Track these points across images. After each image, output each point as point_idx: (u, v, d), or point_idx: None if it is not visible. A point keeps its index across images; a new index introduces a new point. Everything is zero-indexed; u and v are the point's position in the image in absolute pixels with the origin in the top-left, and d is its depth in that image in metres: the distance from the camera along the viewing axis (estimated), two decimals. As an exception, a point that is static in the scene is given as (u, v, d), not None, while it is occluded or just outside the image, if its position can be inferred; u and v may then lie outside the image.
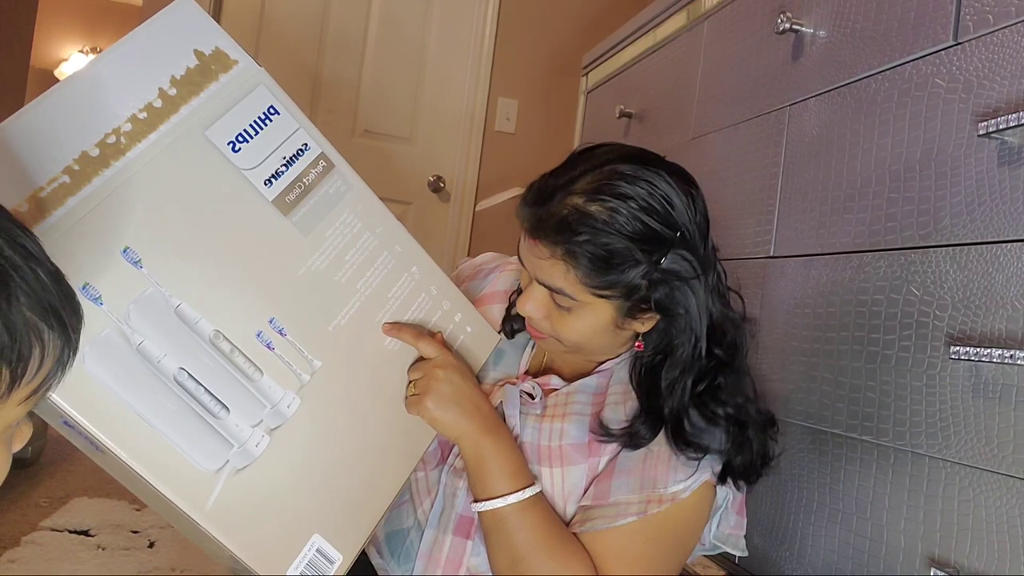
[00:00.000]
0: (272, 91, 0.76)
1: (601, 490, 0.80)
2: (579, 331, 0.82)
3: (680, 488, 0.77)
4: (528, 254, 0.82)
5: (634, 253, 0.76)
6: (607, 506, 0.79)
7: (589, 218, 0.76)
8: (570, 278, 0.78)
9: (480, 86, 2.80)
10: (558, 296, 0.80)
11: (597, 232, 0.76)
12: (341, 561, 0.73)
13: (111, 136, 0.65)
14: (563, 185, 0.79)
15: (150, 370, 0.64)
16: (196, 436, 0.66)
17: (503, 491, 0.77)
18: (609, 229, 0.76)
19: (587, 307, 0.80)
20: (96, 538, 1.68)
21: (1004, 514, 0.74)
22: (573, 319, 0.81)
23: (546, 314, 0.83)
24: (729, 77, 1.38)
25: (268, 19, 2.66)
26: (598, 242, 0.76)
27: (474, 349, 0.90)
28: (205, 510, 0.65)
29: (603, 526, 0.78)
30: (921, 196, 0.89)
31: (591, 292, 0.78)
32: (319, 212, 0.77)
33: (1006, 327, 0.76)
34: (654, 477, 0.78)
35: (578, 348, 0.86)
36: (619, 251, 0.76)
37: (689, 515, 0.80)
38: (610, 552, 0.77)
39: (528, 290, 0.83)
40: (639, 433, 0.80)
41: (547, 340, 0.86)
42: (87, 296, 0.62)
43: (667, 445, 0.80)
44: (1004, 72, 0.80)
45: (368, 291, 0.79)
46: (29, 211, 0.60)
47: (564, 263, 0.77)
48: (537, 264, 0.80)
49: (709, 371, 0.82)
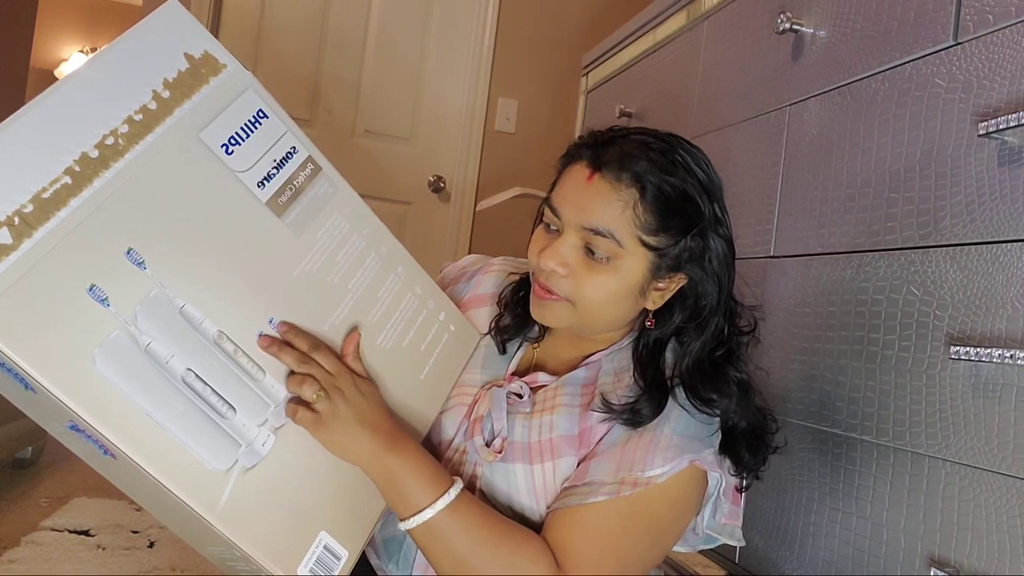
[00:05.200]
0: (260, 95, 0.77)
1: (581, 470, 0.80)
2: (603, 290, 0.80)
3: (657, 473, 0.76)
4: (577, 195, 0.80)
5: (700, 197, 0.80)
6: (583, 485, 0.78)
7: (664, 155, 0.80)
8: (626, 217, 0.78)
9: (480, 86, 2.80)
10: (598, 243, 0.79)
11: (672, 169, 0.80)
12: (347, 557, 0.73)
13: (109, 137, 0.65)
14: (626, 133, 0.83)
15: (159, 371, 0.65)
16: (205, 436, 0.66)
17: (427, 501, 0.73)
18: (682, 171, 0.80)
19: (623, 261, 0.79)
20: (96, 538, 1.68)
21: (1004, 514, 0.74)
22: (602, 275, 0.80)
23: (570, 271, 0.81)
24: (729, 77, 1.38)
25: (268, 19, 2.66)
26: (670, 180, 0.79)
27: (457, 348, 0.91)
28: (217, 510, 0.66)
29: (575, 502, 0.77)
30: (921, 196, 0.89)
31: (642, 237, 0.78)
32: (310, 214, 0.78)
33: (1006, 327, 0.76)
34: (632, 460, 0.77)
35: (588, 317, 0.83)
36: (688, 193, 0.80)
37: (669, 500, 0.78)
38: (577, 528, 0.76)
39: (556, 242, 0.81)
40: (641, 411, 0.79)
41: (552, 308, 0.83)
42: (94, 297, 0.62)
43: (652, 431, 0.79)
44: (1004, 72, 0.80)
45: (359, 291, 0.81)
46: (33, 212, 0.60)
47: (625, 199, 0.78)
48: (587, 203, 0.79)
49: (728, 337, 0.84)
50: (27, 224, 0.59)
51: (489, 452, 0.83)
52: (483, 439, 0.84)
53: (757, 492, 1.14)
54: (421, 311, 0.87)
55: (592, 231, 0.79)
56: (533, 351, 0.93)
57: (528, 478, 0.82)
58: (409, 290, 0.86)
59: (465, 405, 0.88)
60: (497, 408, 0.85)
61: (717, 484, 0.81)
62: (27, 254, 0.59)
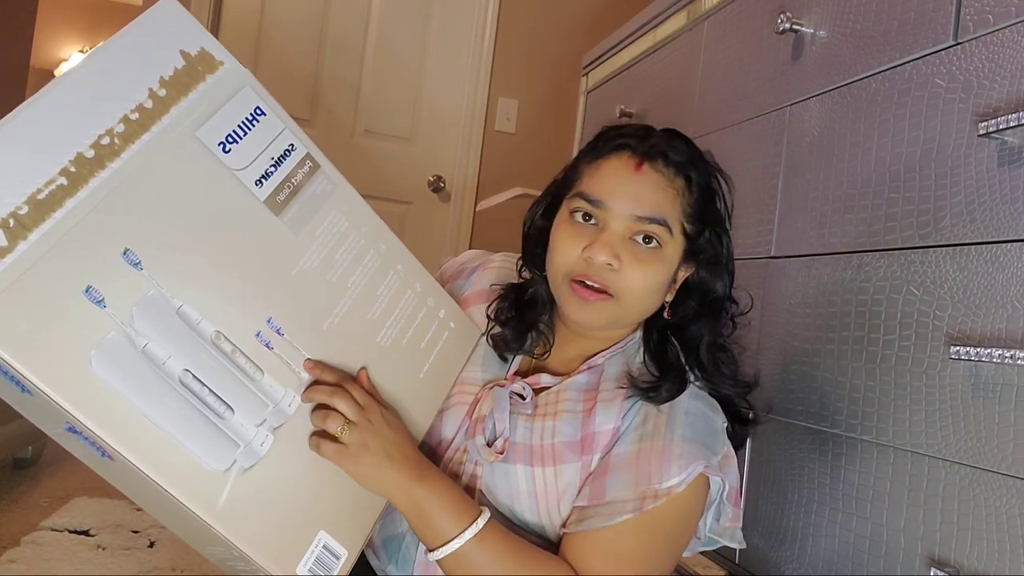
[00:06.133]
0: (257, 92, 0.76)
1: (596, 489, 0.79)
2: (649, 279, 0.82)
3: (676, 482, 0.77)
4: (627, 185, 0.82)
5: (722, 187, 0.87)
6: (603, 505, 0.78)
7: (692, 150, 0.86)
8: (677, 205, 0.83)
9: (480, 86, 2.80)
10: (652, 230, 0.81)
11: (704, 164, 0.86)
12: (347, 557, 0.73)
13: (104, 137, 0.64)
14: (650, 128, 0.88)
15: (156, 372, 0.64)
16: (203, 437, 0.66)
17: (455, 531, 0.74)
18: (708, 166, 0.87)
19: (668, 247, 0.83)
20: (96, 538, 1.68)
21: (1004, 514, 0.74)
22: (650, 264, 0.82)
23: (620, 263, 0.81)
24: (729, 77, 1.38)
25: (268, 19, 2.66)
26: (704, 173, 0.85)
27: (457, 345, 0.91)
28: (216, 511, 0.65)
29: (599, 524, 0.77)
30: (921, 196, 0.89)
31: (685, 224, 0.83)
32: (308, 212, 0.77)
33: (1006, 327, 0.76)
34: (648, 472, 0.78)
35: (627, 310, 0.84)
36: (716, 186, 0.87)
37: (683, 509, 0.79)
38: (601, 550, 0.77)
39: (605, 235, 0.82)
40: (663, 388, 0.82)
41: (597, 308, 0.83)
42: (91, 299, 0.61)
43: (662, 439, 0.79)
44: (1004, 72, 0.80)
45: (358, 289, 0.80)
46: (28, 214, 0.59)
47: (677, 187, 0.83)
48: (640, 193, 0.82)
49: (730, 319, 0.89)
50: (22, 226, 0.59)
51: (490, 452, 0.82)
52: (484, 439, 0.84)
53: (757, 492, 1.14)
54: (421, 308, 0.87)
55: (648, 219, 0.81)
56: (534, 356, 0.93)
57: (529, 480, 0.82)
58: (409, 287, 0.86)
59: (466, 404, 0.88)
60: (499, 408, 0.85)
61: (720, 489, 0.82)
62: (22, 256, 0.58)
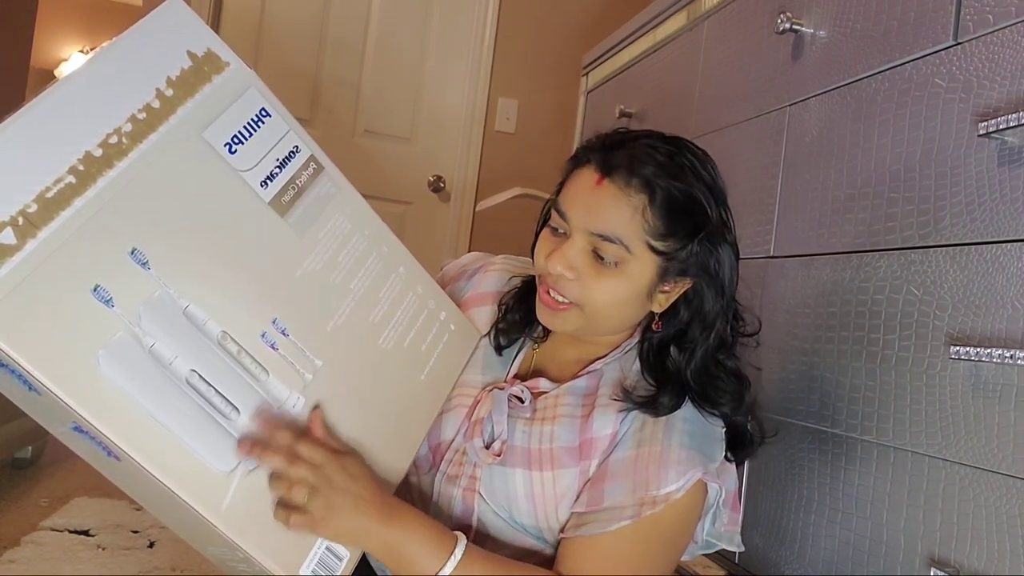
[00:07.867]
0: (263, 93, 0.76)
1: (594, 495, 0.79)
2: (611, 294, 0.80)
3: (673, 488, 0.77)
4: (586, 199, 0.80)
5: (708, 201, 0.80)
6: (601, 511, 0.78)
7: (671, 160, 0.80)
8: (635, 222, 0.78)
9: (480, 86, 2.80)
10: (606, 248, 0.79)
11: (681, 173, 0.80)
12: (349, 558, 0.73)
13: (112, 136, 0.65)
14: (634, 137, 0.83)
15: (162, 372, 0.64)
16: (209, 438, 0.66)
17: (436, 566, 0.73)
18: (690, 175, 0.80)
19: (631, 264, 0.79)
20: (96, 538, 1.68)
21: (1004, 514, 0.74)
22: (610, 279, 0.80)
23: (578, 275, 0.81)
24: (729, 77, 1.38)
25: (268, 19, 2.66)
26: (678, 185, 0.79)
27: (458, 348, 0.91)
28: (220, 512, 0.65)
29: (597, 530, 0.77)
30: (921, 196, 0.89)
31: (651, 242, 0.79)
32: (312, 214, 0.78)
33: (1006, 327, 0.76)
34: (646, 479, 0.78)
35: (596, 320, 0.83)
36: (696, 197, 0.80)
37: (681, 516, 0.79)
38: (599, 556, 0.77)
39: (564, 246, 0.81)
40: (661, 402, 0.80)
41: (560, 315, 0.83)
42: (99, 298, 0.61)
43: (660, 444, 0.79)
44: (1004, 72, 0.80)
45: (361, 291, 0.80)
46: (37, 212, 0.59)
47: (635, 204, 0.78)
48: (596, 209, 0.79)
49: (731, 339, 0.85)
50: (31, 224, 0.59)
51: (488, 454, 0.83)
52: (483, 441, 0.84)
53: (757, 492, 1.14)
54: (422, 311, 0.87)
55: (601, 236, 0.79)
56: (533, 352, 0.93)
57: (527, 484, 0.82)
58: (410, 290, 0.86)
59: (466, 406, 0.88)
60: (498, 411, 0.85)
61: (717, 495, 0.82)
62: (31, 255, 0.58)
